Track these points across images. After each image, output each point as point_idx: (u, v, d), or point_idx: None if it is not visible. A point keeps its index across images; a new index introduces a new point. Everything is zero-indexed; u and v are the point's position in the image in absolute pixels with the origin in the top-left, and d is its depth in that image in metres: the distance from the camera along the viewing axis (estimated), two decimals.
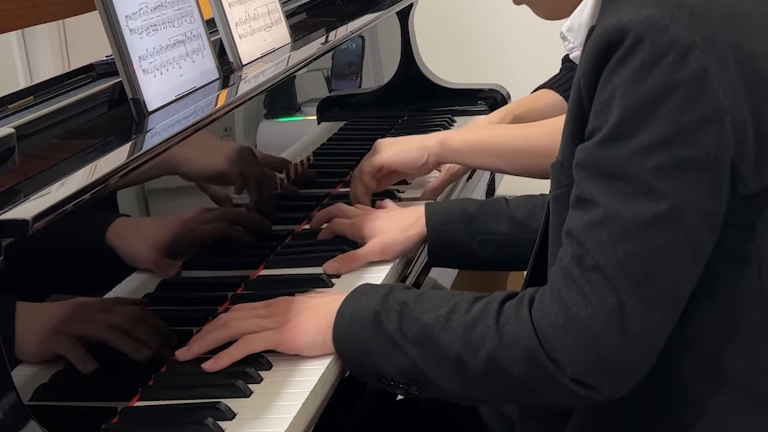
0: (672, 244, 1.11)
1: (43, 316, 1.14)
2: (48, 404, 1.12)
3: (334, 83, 2.07)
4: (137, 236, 1.34)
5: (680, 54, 1.09)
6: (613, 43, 1.11)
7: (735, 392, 1.17)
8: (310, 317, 1.30)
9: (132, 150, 1.28)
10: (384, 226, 1.61)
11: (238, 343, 1.29)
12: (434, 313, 1.21)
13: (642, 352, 1.13)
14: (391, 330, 1.23)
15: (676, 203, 1.10)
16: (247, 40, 1.75)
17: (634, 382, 1.15)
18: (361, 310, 1.26)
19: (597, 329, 1.11)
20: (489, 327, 1.17)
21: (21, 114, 1.29)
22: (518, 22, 2.57)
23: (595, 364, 1.12)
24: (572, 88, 1.18)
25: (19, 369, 1.08)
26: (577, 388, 1.13)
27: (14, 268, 1.05)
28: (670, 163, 1.09)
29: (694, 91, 1.09)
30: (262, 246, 1.65)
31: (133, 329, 1.26)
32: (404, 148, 1.77)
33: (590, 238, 1.12)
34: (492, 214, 1.58)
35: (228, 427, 1.17)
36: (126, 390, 1.24)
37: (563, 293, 1.13)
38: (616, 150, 1.11)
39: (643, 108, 1.10)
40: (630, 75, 1.10)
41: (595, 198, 1.12)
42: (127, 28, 1.39)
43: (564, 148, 1.20)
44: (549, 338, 1.13)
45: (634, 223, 1.10)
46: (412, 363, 1.21)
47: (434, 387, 1.22)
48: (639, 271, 1.11)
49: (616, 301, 1.11)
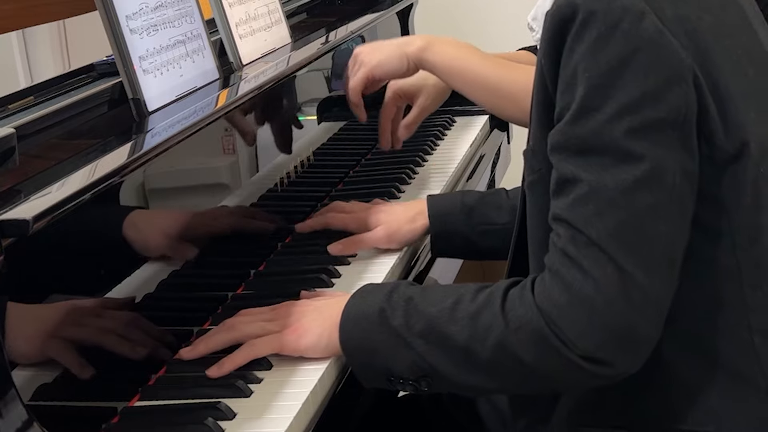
0: (658, 203, 1.11)
1: (39, 319, 1.14)
2: (48, 404, 1.12)
3: (334, 83, 2.06)
4: (151, 226, 1.36)
5: (634, 19, 1.10)
6: (567, 20, 1.12)
7: (717, 368, 1.18)
8: (314, 319, 1.30)
9: (132, 150, 1.28)
10: (389, 217, 1.64)
11: (242, 348, 1.28)
12: (440, 306, 1.21)
13: (647, 318, 1.13)
14: (397, 326, 1.22)
15: (655, 162, 1.11)
16: (247, 40, 1.75)
17: (645, 352, 1.14)
18: (366, 308, 1.26)
19: (601, 301, 1.11)
20: (495, 314, 1.17)
21: (21, 114, 1.29)
22: (518, 22, 2.57)
23: (604, 337, 1.12)
24: (535, 72, 1.18)
25: (20, 369, 1.08)
26: (589, 365, 1.13)
27: (15, 267, 1.06)
28: (642, 126, 1.10)
29: (655, 54, 1.10)
30: (262, 246, 1.65)
31: (132, 329, 1.27)
32: (386, 58, 1.76)
33: (578, 215, 1.12)
34: (492, 205, 1.61)
35: (228, 427, 1.17)
36: (126, 390, 1.24)
37: (562, 273, 1.13)
38: (588, 124, 1.11)
39: (607, 78, 1.10)
40: (588, 48, 1.10)
41: (575, 175, 1.13)
42: (127, 28, 1.39)
43: (533, 134, 1.20)
44: (555, 319, 1.13)
45: (617, 190, 1.11)
46: (420, 357, 1.21)
47: (445, 380, 1.22)
48: (632, 237, 1.11)
49: (616, 271, 1.10)
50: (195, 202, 1.50)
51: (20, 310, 1.09)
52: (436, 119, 2.30)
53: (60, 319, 1.16)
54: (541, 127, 1.18)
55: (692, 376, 1.18)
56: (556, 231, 1.15)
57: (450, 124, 2.32)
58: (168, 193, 1.43)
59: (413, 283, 1.30)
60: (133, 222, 1.32)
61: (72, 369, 1.16)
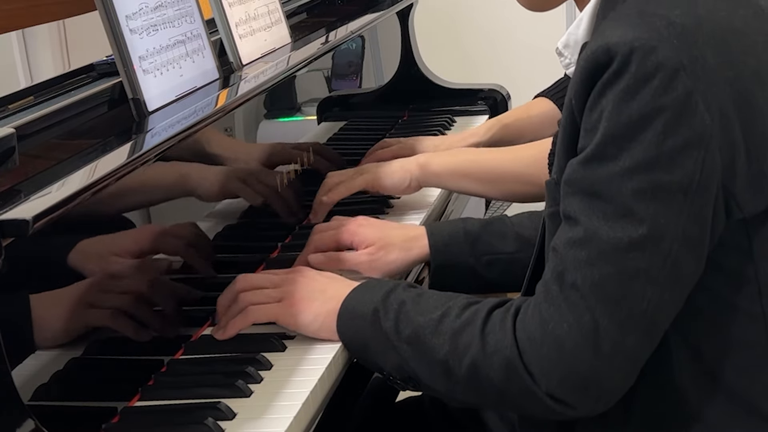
0: (649, 268, 1.10)
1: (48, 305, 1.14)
2: (48, 404, 1.12)
3: (334, 83, 2.07)
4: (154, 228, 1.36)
5: (666, 77, 1.08)
6: (601, 65, 1.10)
7: (737, 407, 1.17)
8: (315, 299, 1.34)
9: (132, 150, 1.28)
10: (382, 236, 1.54)
11: (242, 314, 1.34)
12: (428, 316, 1.23)
13: (614, 372, 1.13)
14: (387, 329, 1.25)
15: (655, 228, 1.09)
16: (247, 40, 1.75)
17: (609, 401, 1.15)
18: (362, 305, 1.29)
19: (570, 346, 1.11)
20: (474, 335, 1.18)
21: (21, 114, 1.29)
22: (518, 22, 2.58)
23: (568, 380, 1.13)
24: (564, 106, 1.18)
25: (20, 369, 1.08)
26: (552, 403, 1.14)
27: (20, 265, 1.06)
28: (651, 187, 1.09)
29: (678, 116, 1.08)
30: (262, 246, 1.65)
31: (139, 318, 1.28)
32: (388, 172, 1.74)
33: (570, 255, 1.12)
34: (497, 234, 1.54)
35: (228, 427, 1.17)
36: (126, 390, 1.24)
37: (542, 308, 1.14)
38: (599, 170, 1.11)
39: (627, 130, 1.09)
40: (615, 97, 1.09)
41: (576, 216, 1.13)
42: (127, 28, 1.39)
43: (558, 166, 1.19)
44: (527, 351, 1.14)
45: (611, 245, 1.10)
46: (405, 362, 1.23)
47: (426, 387, 1.24)
48: (614, 293, 1.11)
49: (591, 321, 1.11)
50: (191, 203, 1.50)
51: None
52: (436, 119, 2.31)
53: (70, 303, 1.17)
54: (566, 161, 1.16)
55: (713, 415, 1.18)
56: (549, 260, 1.16)
57: (450, 124, 2.32)
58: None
59: (412, 286, 1.31)
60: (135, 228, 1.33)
61: (72, 363, 1.15)
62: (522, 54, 3.42)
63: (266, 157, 1.73)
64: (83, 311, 1.20)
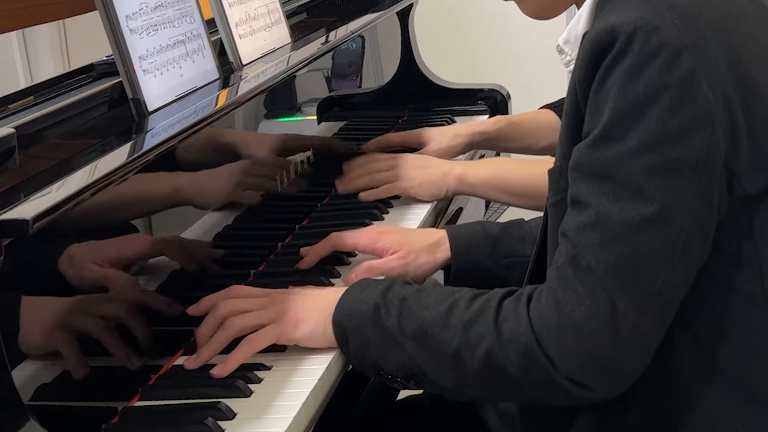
0: (661, 247, 1.11)
1: (42, 312, 1.14)
2: (48, 404, 1.12)
3: (334, 83, 2.07)
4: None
5: (670, 56, 1.09)
6: (605, 46, 1.11)
7: (737, 393, 1.18)
8: (309, 309, 1.31)
9: (132, 150, 1.28)
10: (407, 241, 1.55)
11: (242, 345, 1.28)
12: (434, 310, 1.22)
13: (633, 353, 1.14)
14: (390, 325, 1.23)
15: (666, 206, 1.10)
16: (247, 40, 1.75)
17: (628, 382, 1.15)
18: (361, 303, 1.27)
19: (589, 330, 1.12)
20: (488, 324, 1.18)
21: (21, 114, 1.30)
22: (518, 22, 2.56)
23: (588, 364, 1.13)
24: (567, 92, 1.18)
25: (20, 369, 1.08)
26: (572, 387, 1.14)
27: (19, 266, 1.06)
28: (660, 166, 1.10)
29: (683, 94, 1.09)
30: (261, 246, 1.65)
31: (131, 328, 1.27)
32: (427, 181, 1.82)
33: (582, 239, 1.12)
34: (515, 237, 1.55)
35: (228, 427, 1.17)
36: (126, 390, 1.24)
37: (558, 293, 1.14)
38: (607, 152, 1.11)
39: (633, 110, 1.10)
40: (620, 77, 1.10)
41: (587, 199, 1.13)
42: (127, 28, 1.39)
43: (562, 153, 1.20)
44: (544, 337, 1.14)
45: (623, 225, 1.11)
46: (410, 359, 1.22)
47: (431, 383, 1.23)
48: (629, 274, 1.11)
49: (608, 303, 1.11)
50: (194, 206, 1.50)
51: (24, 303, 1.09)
52: (436, 119, 2.31)
53: (62, 312, 1.16)
54: (570, 147, 1.17)
55: (714, 402, 1.18)
56: (560, 246, 1.16)
57: (449, 124, 2.31)
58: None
59: (409, 282, 1.31)
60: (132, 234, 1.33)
61: (70, 362, 1.16)
62: (522, 54, 3.42)
63: (271, 148, 1.73)
64: (74, 320, 1.18)
